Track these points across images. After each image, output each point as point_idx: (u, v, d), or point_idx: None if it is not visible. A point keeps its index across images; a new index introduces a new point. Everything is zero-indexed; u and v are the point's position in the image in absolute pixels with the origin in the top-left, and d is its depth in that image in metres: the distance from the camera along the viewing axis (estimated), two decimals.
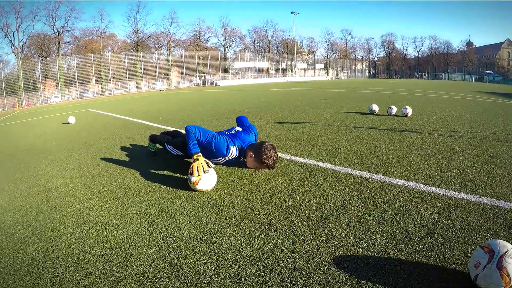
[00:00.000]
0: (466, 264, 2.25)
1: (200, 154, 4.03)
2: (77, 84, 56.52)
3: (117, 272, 2.43)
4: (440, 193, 3.48)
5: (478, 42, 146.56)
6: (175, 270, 2.40)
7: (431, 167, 4.38)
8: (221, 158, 4.23)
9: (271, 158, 3.91)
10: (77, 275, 2.44)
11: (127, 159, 5.86)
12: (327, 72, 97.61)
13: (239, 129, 4.60)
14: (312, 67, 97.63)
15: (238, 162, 4.51)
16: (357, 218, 3.03)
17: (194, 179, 3.80)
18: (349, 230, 2.81)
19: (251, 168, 4.44)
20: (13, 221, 3.61)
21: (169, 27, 75.45)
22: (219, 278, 2.28)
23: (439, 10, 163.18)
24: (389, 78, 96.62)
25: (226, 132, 4.49)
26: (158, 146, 5.95)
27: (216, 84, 63.26)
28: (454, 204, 3.21)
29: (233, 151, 4.14)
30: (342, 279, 2.19)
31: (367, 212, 3.14)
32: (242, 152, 4.20)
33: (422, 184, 3.78)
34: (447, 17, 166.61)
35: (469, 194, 3.43)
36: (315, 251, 2.53)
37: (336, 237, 2.71)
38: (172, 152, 5.00)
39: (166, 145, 5.10)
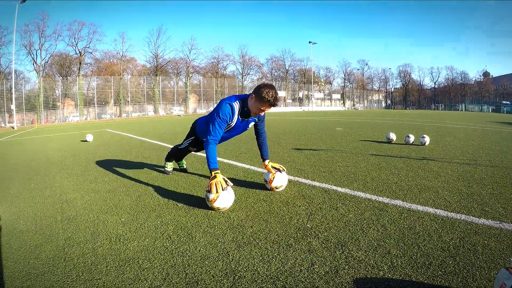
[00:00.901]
0: None
1: (218, 171, 3.99)
2: (95, 105, 57.46)
3: (129, 284, 2.36)
4: (460, 219, 3.39)
5: (495, 72, 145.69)
6: (190, 286, 2.32)
7: (451, 194, 4.27)
8: (231, 122, 4.22)
9: (271, 93, 3.87)
10: (88, 284, 2.38)
11: (143, 176, 5.83)
12: (343, 102, 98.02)
13: None
14: (329, 97, 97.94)
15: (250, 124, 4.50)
16: (377, 241, 2.94)
17: (212, 196, 3.75)
18: (369, 253, 2.73)
19: (255, 114, 4.25)
20: (26, 228, 3.58)
21: (188, 53, 76.83)
22: None
23: (456, 40, 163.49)
24: (406, 109, 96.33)
25: None
26: (174, 165, 5.96)
27: None
28: (475, 229, 3.13)
29: (237, 106, 4.12)
30: None
31: (387, 236, 3.05)
32: (246, 103, 4.13)
33: (442, 210, 3.68)
34: (463, 47, 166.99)
35: (490, 220, 3.34)
36: (334, 273, 2.44)
37: (356, 259, 2.63)
38: (186, 145, 5.25)
39: (179, 147, 5.35)
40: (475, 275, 2.33)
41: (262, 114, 4.32)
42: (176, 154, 5.65)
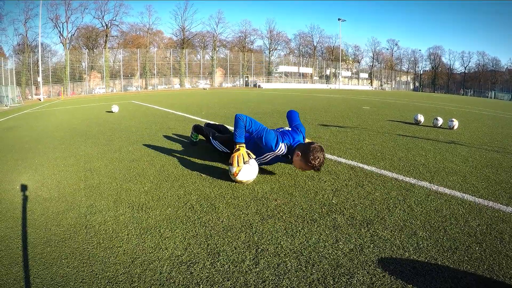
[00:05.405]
0: None
1: (243, 144, 3.88)
2: (121, 77, 57.90)
3: (150, 253, 2.35)
4: (488, 205, 3.28)
5: None
6: (212, 257, 2.29)
7: (478, 180, 4.13)
8: (268, 154, 4.06)
9: (318, 159, 3.67)
10: (108, 252, 2.37)
11: (168, 147, 5.84)
12: (371, 82, 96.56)
13: (288, 128, 4.41)
14: (356, 76, 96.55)
15: (284, 161, 4.33)
16: (403, 222, 2.87)
17: (234, 169, 3.69)
18: (395, 233, 2.66)
19: (295, 167, 4.20)
20: (49, 195, 3.60)
21: (216, 27, 76.47)
22: (257, 269, 2.16)
23: (488, 25, 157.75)
24: (434, 92, 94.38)
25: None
26: (200, 137, 5.87)
27: (259, 86, 63.28)
28: (502, 217, 3.02)
29: (282, 148, 3.92)
30: (387, 281, 2.06)
31: (413, 217, 2.98)
32: (290, 150, 3.97)
33: (469, 195, 3.57)
34: (496, 33, 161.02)
35: None
36: (359, 251, 2.39)
37: (382, 239, 2.57)
38: (217, 147, 4.88)
39: (211, 139, 4.97)
40: (501, 264, 2.27)
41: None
42: (204, 135, 5.48)
